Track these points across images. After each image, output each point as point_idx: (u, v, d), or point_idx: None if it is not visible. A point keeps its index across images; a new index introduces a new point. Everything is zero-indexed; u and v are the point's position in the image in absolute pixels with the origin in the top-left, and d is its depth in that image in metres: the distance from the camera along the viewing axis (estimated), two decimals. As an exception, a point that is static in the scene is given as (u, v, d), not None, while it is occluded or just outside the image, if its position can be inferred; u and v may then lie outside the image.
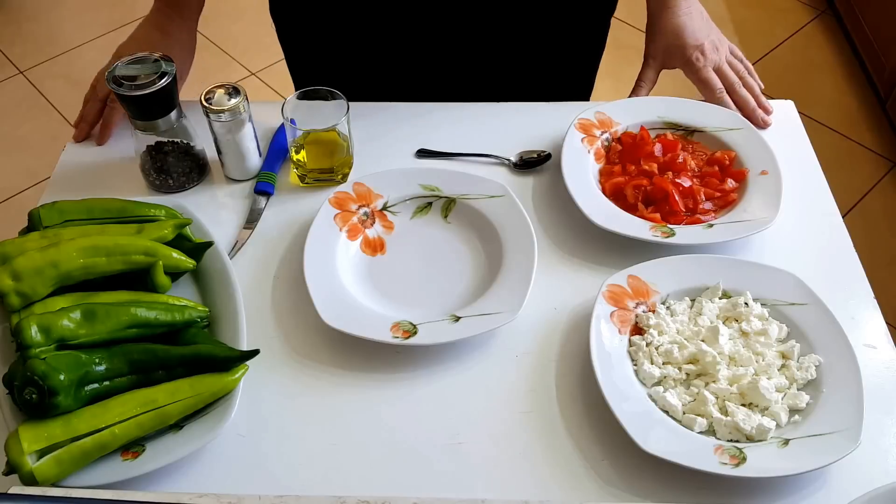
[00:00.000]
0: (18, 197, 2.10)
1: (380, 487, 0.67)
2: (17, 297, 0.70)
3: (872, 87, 2.31)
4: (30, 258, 0.71)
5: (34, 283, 0.71)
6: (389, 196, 0.88)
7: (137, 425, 0.66)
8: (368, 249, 0.85)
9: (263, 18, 1.11)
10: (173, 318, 0.73)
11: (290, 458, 0.69)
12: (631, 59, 2.52)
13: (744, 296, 0.77)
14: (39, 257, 0.71)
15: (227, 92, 0.85)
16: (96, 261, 0.73)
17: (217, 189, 0.92)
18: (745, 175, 0.89)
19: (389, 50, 1.04)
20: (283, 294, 0.81)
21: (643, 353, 0.74)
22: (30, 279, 0.70)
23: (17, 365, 0.66)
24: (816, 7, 2.65)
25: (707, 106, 0.97)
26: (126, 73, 0.82)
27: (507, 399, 0.73)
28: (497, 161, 0.94)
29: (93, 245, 0.73)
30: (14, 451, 0.62)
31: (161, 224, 0.79)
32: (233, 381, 0.69)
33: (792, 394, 0.71)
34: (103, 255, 0.73)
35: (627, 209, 0.86)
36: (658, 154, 0.91)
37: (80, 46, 2.55)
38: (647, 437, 0.67)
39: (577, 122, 0.94)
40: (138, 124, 0.85)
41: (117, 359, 0.69)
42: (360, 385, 0.74)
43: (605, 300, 0.76)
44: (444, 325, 0.76)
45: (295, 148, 0.89)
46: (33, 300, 0.71)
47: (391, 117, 0.99)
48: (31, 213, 0.79)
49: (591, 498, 0.66)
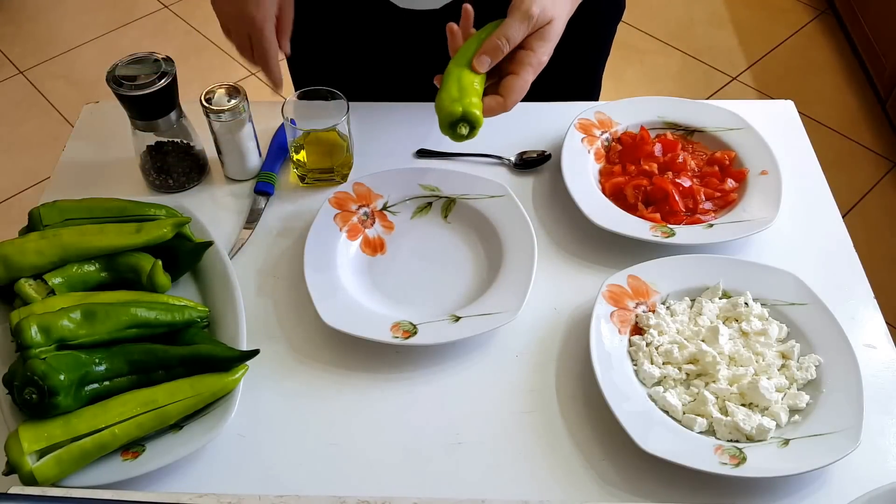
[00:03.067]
0: (18, 197, 2.10)
1: (380, 487, 0.67)
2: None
3: (872, 87, 2.31)
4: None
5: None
6: (389, 196, 0.88)
7: (137, 425, 0.66)
8: (368, 249, 0.85)
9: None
10: (173, 318, 0.73)
11: (290, 458, 0.69)
12: (631, 59, 2.53)
13: (744, 296, 0.77)
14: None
15: (227, 92, 0.85)
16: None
17: (217, 189, 0.92)
18: (745, 175, 0.89)
19: (390, 50, 1.04)
20: (283, 294, 0.81)
21: (643, 353, 0.74)
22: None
23: (17, 365, 0.66)
24: (816, 7, 2.65)
25: (707, 106, 0.97)
26: (126, 73, 0.82)
27: (507, 399, 0.73)
28: (497, 161, 0.94)
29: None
30: (14, 451, 0.62)
31: (160, 223, 0.79)
32: (233, 381, 0.69)
33: (792, 394, 0.71)
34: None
35: (627, 209, 0.86)
36: (658, 154, 0.91)
37: (80, 46, 2.55)
38: (647, 437, 0.67)
39: (577, 122, 0.94)
40: (138, 124, 0.85)
41: (117, 359, 0.69)
42: (360, 385, 0.74)
43: (605, 300, 0.76)
44: (444, 325, 0.76)
45: (295, 148, 0.89)
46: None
47: (391, 117, 0.99)
48: (32, 212, 0.79)
49: (591, 498, 0.66)
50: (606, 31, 1.09)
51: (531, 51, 0.75)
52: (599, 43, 1.10)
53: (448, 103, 0.73)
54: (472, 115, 0.72)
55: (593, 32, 1.07)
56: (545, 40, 0.76)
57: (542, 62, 0.76)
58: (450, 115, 0.73)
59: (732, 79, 2.40)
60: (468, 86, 0.73)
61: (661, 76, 2.40)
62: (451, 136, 0.74)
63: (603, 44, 1.10)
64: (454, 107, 0.72)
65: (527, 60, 0.75)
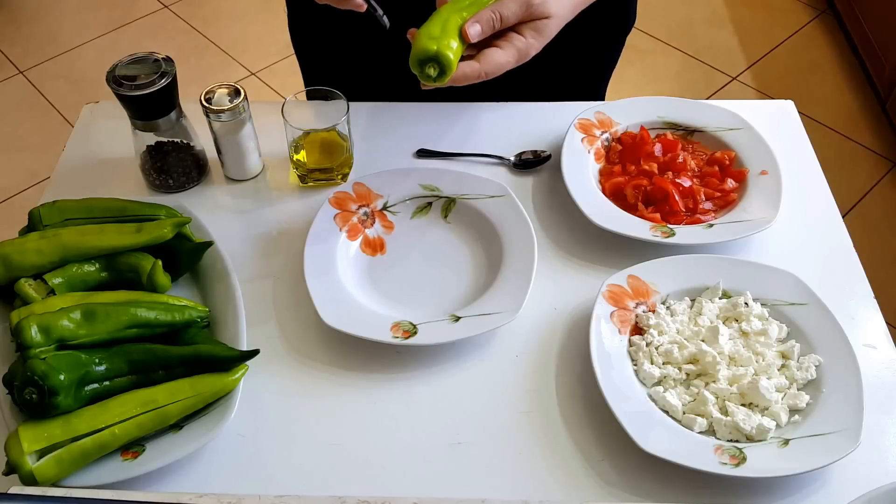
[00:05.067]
0: (18, 197, 2.10)
1: (380, 487, 0.67)
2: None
3: (872, 87, 2.31)
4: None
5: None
6: (389, 196, 0.88)
7: (137, 425, 0.66)
8: (368, 249, 0.85)
9: (263, 18, 1.11)
10: (173, 318, 0.73)
11: (290, 458, 0.69)
12: (631, 59, 2.53)
13: (744, 296, 0.77)
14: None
15: (227, 92, 0.85)
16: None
17: (217, 189, 0.92)
18: (745, 175, 0.89)
19: (392, 49, 1.04)
20: (283, 294, 0.81)
21: (643, 353, 0.74)
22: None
23: (17, 365, 0.66)
24: (816, 7, 2.65)
25: (707, 106, 0.97)
26: (126, 73, 0.82)
27: (507, 399, 0.73)
28: (497, 161, 0.94)
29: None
30: (14, 451, 0.62)
31: (160, 223, 0.79)
32: (233, 381, 0.69)
33: (792, 394, 0.71)
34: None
35: (627, 209, 0.86)
36: (658, 154, 0.91)
37: (80, 46, 2.55)
38: (647, 437, 0.67)
39: (577, 122, 0.94)
40: (138, 124, 0.85)
41: (117, 359, 0.69)
42: (360, 385, 0.74)
43: (605, 300, 0.76)
44: (444, 325, 0.76)
45: (295, 148, 0.89)
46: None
47: (391, 117, 0.99)
48: (32, 212, 0.79)
49: (591, 498, 0.66)
50: (615, 43, 1.08)
51: (522, 36, 0.74)
52: (608, 54, 1.09)
53: (425, 39, 0.70)
54: (445, 58, 0.70)
55: (602, 44, 1.06)
56: (539, 33, 0.74)
57: (528, 53, 0.75)
58: (423, 51, 0.70)
59: (732, 79, 2.40)
60: (451, 29, 0.71)
61: (661, 76, 2.40)
62: (420, 76, 0.72)
63: (611, 55, 1.10)
64: (430, 44, 0.70)
65: (515, 42, 0.74)
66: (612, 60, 1.11)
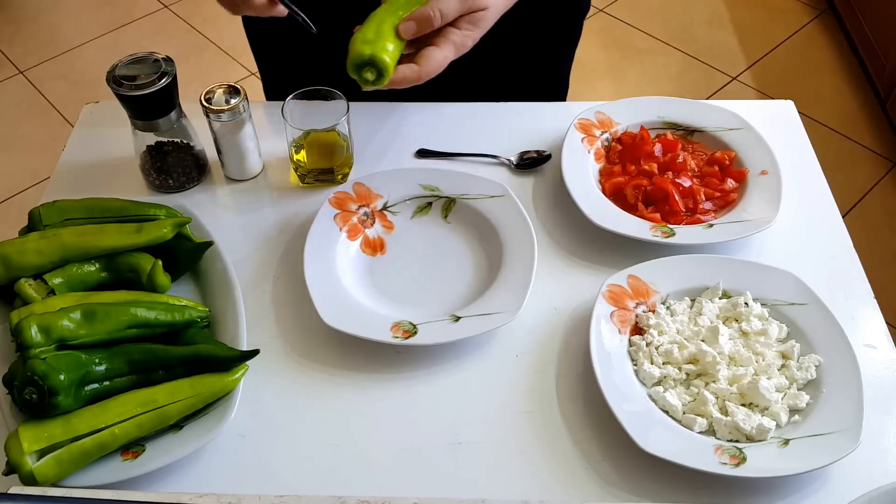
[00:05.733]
0: (18, 197, 2.10)
1: (380, 487, 0.67)
2: None
3: (872, 87, 2.31)
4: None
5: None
6: (389, 196, 0.88)
7: (137, 425, 0.66)
8: (368, 249, 0.85)
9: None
10: (173, 318, 0.73)
11: (290, 458, 0.69)
12: (631, 59, 2.53)
13: (744, 296, 0.77)
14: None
15: (227, 92, 0.85)
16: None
17: (217, 189, 0.92)
18: (745, 175, 0.89)
19: (338, 54, 1.02)
20: (283, 294, 0.81)
21: (643, 353, 0.74)
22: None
23: (17, 365, 0.66)
24: (816, 7, 2.65)
25: (707, 106, 0.97)
26: (126, 73, 0.82)
27: (507, 399, 0.73)
28: (497, 161, 0.94)
29: None
30: (14, 451, 0.62)
31: (160, 223, 0.79)
32: (233, 381, 0.69)
33: (792, 394, 0.71)
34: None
35: (627, 209, 0.86)
36: (658, 154, 0.91)
37: (80, 46, 2.55)
38: (647, 437, 0.67)
39: (577, 122, 0.94)
40: (138, 124, 0.85)
41: (117, 359, 0.69)
42: (360, 385, 0.74)
43: (605, 300, 0.76)
44: (444, 325, 0.76)
45: (295, 148, 0.89)
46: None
47: (391, 117, 0.99)
48: (32, 212, 0.79)
49: (591, 498, 0.66)
50: (569, 31, 1.08)
51: (458, 29, 0.73)
52: (562, 42, 1.09)
53: (360, 44, 0.70)
54: (381, 61, 0.69)
55: (554, 31, 1.05)
56: (475, 25, 0.74)
57: (465, 45, 0.74)
58: (358, 55, 0.70)
59: (732, 79, 2.40)
60: (386, 32, 0.70)
61: (661, 76, 2.40)
62: (358, 80, 0.71)
63: (566, 44, 1.09)
64: (363, 48, 0.69)
65: (451, 37, 0.73)
66: (570, 49, 1.10)
